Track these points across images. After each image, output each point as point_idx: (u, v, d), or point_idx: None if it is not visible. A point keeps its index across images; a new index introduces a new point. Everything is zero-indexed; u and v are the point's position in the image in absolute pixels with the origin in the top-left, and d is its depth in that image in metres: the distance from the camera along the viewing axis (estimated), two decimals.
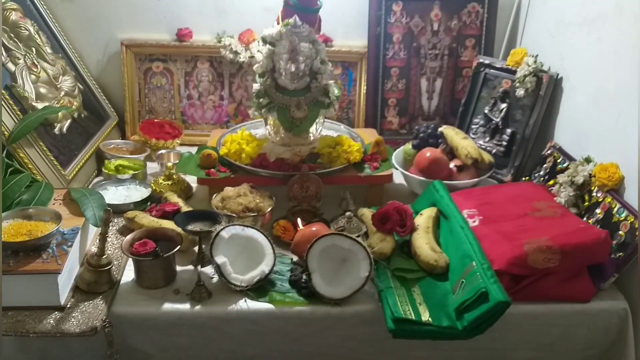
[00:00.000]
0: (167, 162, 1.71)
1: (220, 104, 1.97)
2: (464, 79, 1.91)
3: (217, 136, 1.76)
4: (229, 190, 1.41)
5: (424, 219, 1.36)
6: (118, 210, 1.47)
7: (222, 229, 1.25)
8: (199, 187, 1.63)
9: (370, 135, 1.74)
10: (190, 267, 1.29)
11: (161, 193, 1.58)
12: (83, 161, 1.65)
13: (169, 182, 1.61)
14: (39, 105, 1.52)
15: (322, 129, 1.64)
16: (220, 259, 1.22)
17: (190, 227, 1.27)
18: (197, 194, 1.64)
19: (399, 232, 1.32)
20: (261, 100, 1.54)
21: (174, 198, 1.51)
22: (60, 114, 1.61)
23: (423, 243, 1.29)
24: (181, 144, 1.88)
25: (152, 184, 1.62)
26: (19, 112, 1.45)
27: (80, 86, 1.81)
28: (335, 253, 1.22)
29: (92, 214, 1.30)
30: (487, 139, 1.75)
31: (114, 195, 1.55)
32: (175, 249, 1.24)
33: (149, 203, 1.53)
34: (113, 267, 1.23)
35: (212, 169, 1.54)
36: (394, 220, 1.31)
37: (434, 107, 1.95)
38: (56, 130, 1.59)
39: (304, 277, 1.23)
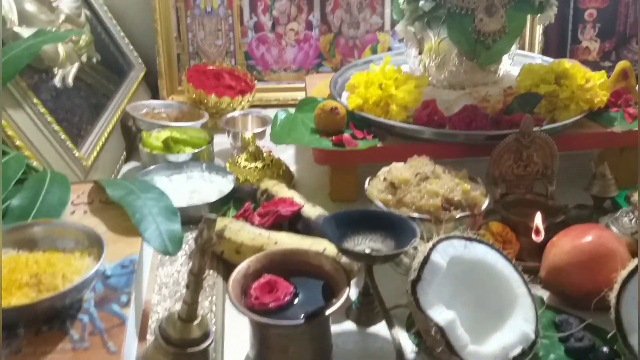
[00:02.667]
0: (245, 131, 1.14)
1: (308, 37, 1.40)
2: None
3: (323, 82, 1.19)
4: (400, 170, 0.84)
5: None
6: (184, 218, 0.90)
7: (433, 249, 0.68)
8: (305, 170, 1.10)
9: None
10: (349, 324, 0.74)
11: (249, 182, 1.02)
12: (107, 133, 1.09)
13: (258, 165, 1.05)
14: (25, 33, 0.95)
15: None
16: (442, 315, 0.66)
17: (359, 248, 0.71)
18: (302, 182, 1.09)
19: None
20: (421, 3, 0.97)
21: (283, 190, 0.94)
22: (62, 52, 1.04)
23: None
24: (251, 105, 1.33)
25: (228, 167, 1.06)
26: None
27: (87, 12, 1.23)
28: None
29: (154, 229, 0.74)
30: None
31: (169, 191, 0.99)
32: (341, 299, 0.68)
33: (230, 202, 0.97)
34: (211, 343, 0.67)
35: (343, 134, 0.97)
36: None
37: None
38: (57, 81, 1.03)
39: (604, 348, 0.68)
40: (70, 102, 1.04)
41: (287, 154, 1.16)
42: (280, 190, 0.94)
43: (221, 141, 1.19)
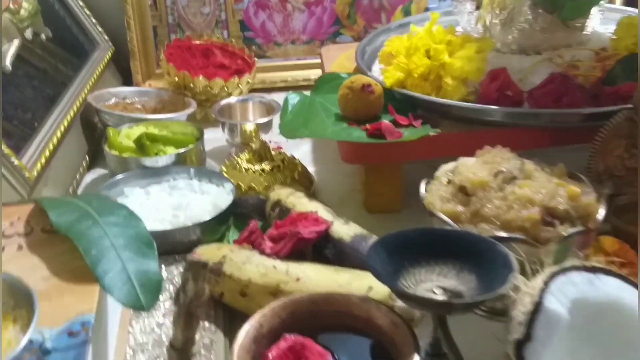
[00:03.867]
0: (246, 123, 0.96)
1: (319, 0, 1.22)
2: None
3: (345, 54, 1.00)
4: (472, 168, 0.65)
5: None
6: (167, 245, 0.72)
7: (545, 290, 0.50)
8: (327, 171, 0.93)
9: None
10: None
11: (254, 191, 0.84)
12: (61, 132, 0.90)
13: (266, 166, 0.86)
14: None
15: None
16: None
17: (424, 289, 0.53)
18: (325, 189, 0.90)
19: None
20: None
21: (302, 201, 0.76)
22: None
23: None
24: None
25: (224, 172, 0.88)
26: None
27: None
28: None
29: (119, 271, 0.55)
30: None
31: (146, 208, 0.80)
32: None
33: (229, 221, 0.79)
34: None
35: (381, 121, 0.78)
36: None
37: None
38: None
39: None
40: (9, 92, 0.85)
41: (301, 151, 0.97)
42: (299, 201, 0.75)
43: (214, 137, 1.01)
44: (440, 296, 0.53)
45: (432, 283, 0.56)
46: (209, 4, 1.21)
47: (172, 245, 0.75)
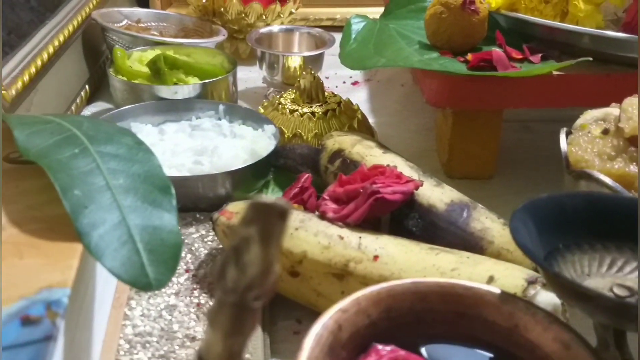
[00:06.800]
0: (290, 57, 0.76)
1: None
2: None
3: None
4: None
5: None
6: (185, 198, 0.53)
7: None
8: (391, 123, 0.76)
9: None
10: None
11: (300, 138, 0.64)
12: (53, 49, 0.70)
13: (317, 109, 0.66)
14: None
15: None
16: None
17: (601, 284, 0.32)
18: (390, 145, 0.70)
19: None
20: None
21: (375, 151, 0.55)
22: None
23: None
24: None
25: (263, 113, 0.68)
26: None
27: None
28: None
29: (114, 227, 0.35)
30: None
31: (159, 151, 0.60)
32: None
33: (269, 174, 0.59)
34: None
35: (485, 51, 0.57)
36: None
37: None
38: None
39: None
40: None
41: (356, 98, 0.76)
42: (369, 152, 0.55)
43: (248, 76, 0.82)
44: (633, 298, 0.33)
45: (604, 279, 0.36)
46: None
47: (192, 200, 0.55)
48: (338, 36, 0.72)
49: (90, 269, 0.37)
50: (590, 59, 0.54)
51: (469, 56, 0.57)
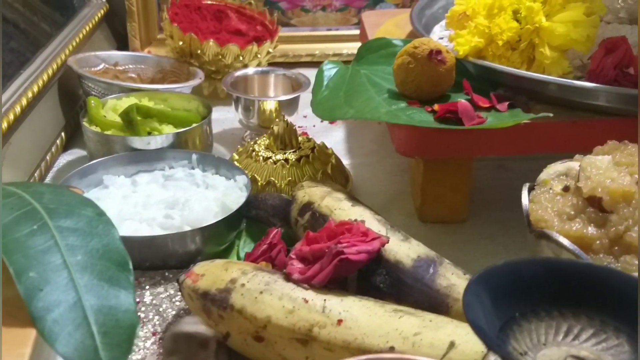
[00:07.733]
0: (265, 101, 0.77)
1: None
2: None
3: (394, 19, 0.81)
4: (607, 172, 0.44)
5: None
6: (155, 256, 0.53)
7: None
8: (367, 167, 0.76)
9: None
10: None
11: (274, 188, 0.64)
12: (28, 98, 0.70)
13: (291, 156, 0.67)
14: None
15: None
16: None
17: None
18: (364, 189, 0.71)
19: None
20: None
21: (344, 205, 0.56)
22: None
23: None
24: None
25: (236, 161, 0.68)
26: None
27: None
28: None
29: (70, 308, 0.35)
30: None
31: (129, 204, 0.61)
32: None
33: (241, 226, 0.60)
34: None
35: (457, 101, 0.58)
36: None
37: None
38: None
39: None
40: None
41: (332, 140, 0.77)
42: (338, 205, 0.55)
43: (224, 117, 0.82)
44: None
45: (559, 348, 0.36)
46: None
47: (161, 258, 0.56)
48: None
49: (43, 355, 0.37)
50: (551, 114, 0.54)
51: (436, 106, 0.58)
